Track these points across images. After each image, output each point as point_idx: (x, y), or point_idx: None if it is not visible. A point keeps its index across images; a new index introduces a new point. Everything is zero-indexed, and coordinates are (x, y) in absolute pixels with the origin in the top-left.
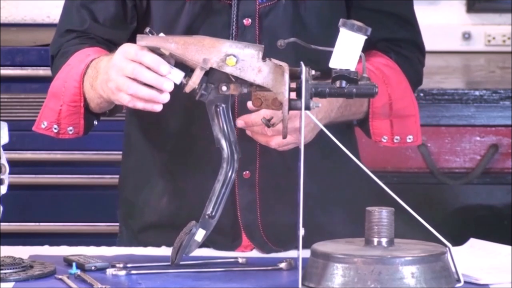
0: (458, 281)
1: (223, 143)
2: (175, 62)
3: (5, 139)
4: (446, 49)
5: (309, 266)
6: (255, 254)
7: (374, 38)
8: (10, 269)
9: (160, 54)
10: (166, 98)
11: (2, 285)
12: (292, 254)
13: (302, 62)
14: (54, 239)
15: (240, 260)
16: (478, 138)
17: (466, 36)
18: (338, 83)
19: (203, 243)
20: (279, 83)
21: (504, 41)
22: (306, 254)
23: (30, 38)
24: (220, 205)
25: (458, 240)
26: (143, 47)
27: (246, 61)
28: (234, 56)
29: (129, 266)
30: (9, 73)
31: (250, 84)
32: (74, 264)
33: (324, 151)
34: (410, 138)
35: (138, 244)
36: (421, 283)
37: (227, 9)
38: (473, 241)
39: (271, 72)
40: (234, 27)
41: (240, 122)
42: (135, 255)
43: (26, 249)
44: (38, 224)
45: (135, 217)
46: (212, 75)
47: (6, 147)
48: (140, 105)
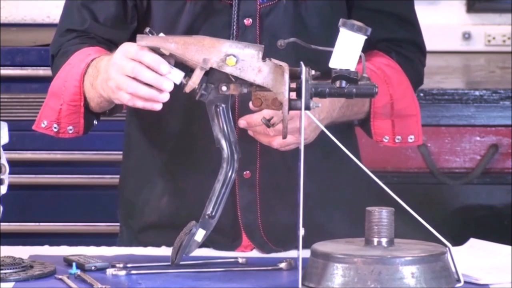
0: (458, 281)
1: (223, 143)
2: (175, 62)
3: (5, 139)
4: (446, 49)
5: (309, 266)
6: (255, 254)
7: (374, 38)
8: (10, 269)
9: (160, 54)
10: (166, 97)
11: (2, 285)
12: (292, 254)
13: (302, 62)
14: (54, 239)
15: (240, 260)
16: (478, 138)
17: (466, 36)
18: (338, 83)
19: (203, 243)
20: (279, 83)
21: (504, 41)
22: (306, 254)
23: (30, 38)
24: (220, 205)
25: (458, 240)
26: (143, 47)
27: (246, 61)
28: (234, 56)
29: (129, 266)
30: (9, 73)
31: (250, 84)
32: (74, 264)
33: (324, 151)
34: (411, 138)
35: (138, 244)
36: (421, 283)
37: (228, 9)
38: (473, 241)
39: (271, 72)
40: (234, 27)
41: (242, 122)
42: (135, 255)
43: (26, 249)
44: (38, 224)
45: (135, 217)
46: (212, 75)
47: (6, 147)
48: (139, 104)
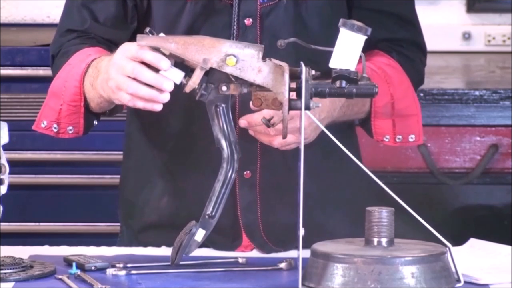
0: (458, 281)
1: (223, 143)
2: (175, 62)
3: (5, 139)
4: (446, 49)
5: (309, 266)
6: (255, 254)
7: (375, 38)
8: (10, 269)
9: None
10: (166, 97)
11: (2, 285)
12: (292, 254)
13: (302, 62)
14: (54, 239)
15: (240, 260)
16: (478, 138)
17: (466, 36)
18: (338, 83)
19: (203, 243)
20: (279, 83)
21: (504, 41)
22: (306, 254)
23: (30, 38)
24: (220, 205)
25: (458, 240)
26: (144, 46)
27: (246, 61)
28: (234, 56)
29: (129, 266)
30: (9, 73)
31: (250, 84)
32: (74, 264)
33: (324, 151)
34: (412, 138)
35: (138, 244)
36: (421, 283)
37: (228, 9)
38: (473, 241)
39: (271, 72)
40: (235, 27)
41: (243, 122)
42: (135, 255)
43: (26, 249)
44: (38, 224)
45: (135, 217)
46: (212, 75)
47: (6, 147)
48: (140, 104)
